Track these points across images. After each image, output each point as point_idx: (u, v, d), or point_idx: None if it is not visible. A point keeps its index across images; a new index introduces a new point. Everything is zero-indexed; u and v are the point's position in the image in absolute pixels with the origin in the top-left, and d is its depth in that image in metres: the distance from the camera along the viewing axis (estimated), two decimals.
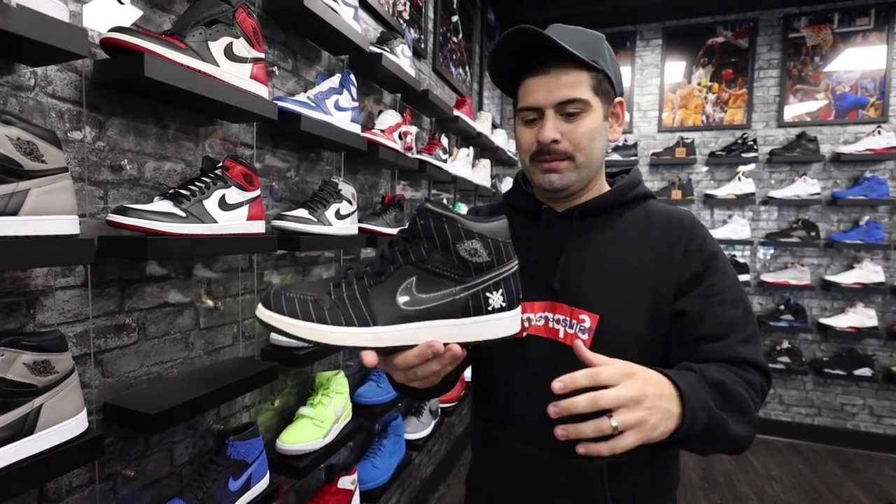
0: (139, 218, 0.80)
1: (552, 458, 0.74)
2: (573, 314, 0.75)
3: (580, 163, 0.74)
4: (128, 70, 0.77)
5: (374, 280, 0.52)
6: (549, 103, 0.72)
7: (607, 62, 0.74)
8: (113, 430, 0.88)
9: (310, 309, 0.51)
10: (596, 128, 0.74)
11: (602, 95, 0.74)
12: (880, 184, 3.05)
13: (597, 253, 0.76)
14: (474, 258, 0.51)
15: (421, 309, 0.51)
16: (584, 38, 0.73)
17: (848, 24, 3.21)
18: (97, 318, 0.85)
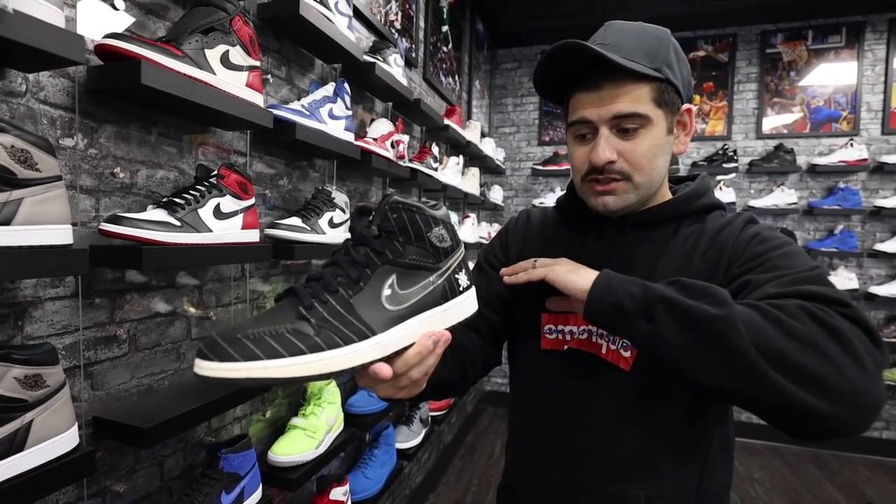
0: (133, 227, 0.78)
1: (588, 481, 0.70)
2: None
3: (639, 183, 0.67)
4: (124, 77, 0.76)
5: (352, 289, 0.47)
6: (602, 119, 0.65)
7: (673, 66, 0.66)
8: (102, 445, 0.86)
9: (294, 341, 0.42)
10: (658, 144, 0.66)
11: (666, 106, 0.66)
12: (853, 194, 3.16)
13: (646, 265, 0.70)
14: (442, 243, 0.51)
15: (409, 306, 0.49)
16: (646, 40, 0.65)
17: (821, 41, 3.34)
18: (87, 330, 0.83)
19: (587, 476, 0.70)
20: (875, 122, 3.25)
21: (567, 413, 0.72)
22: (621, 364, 0.68)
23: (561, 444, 0.73)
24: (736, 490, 2.75)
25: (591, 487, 0.69)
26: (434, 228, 0.50)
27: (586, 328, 0.73)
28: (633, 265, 0.70)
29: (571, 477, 0.71)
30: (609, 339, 0.70)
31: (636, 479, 0.67)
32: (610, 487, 0.68)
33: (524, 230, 0.85)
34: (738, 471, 2.99)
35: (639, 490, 0.67)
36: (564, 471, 0.72)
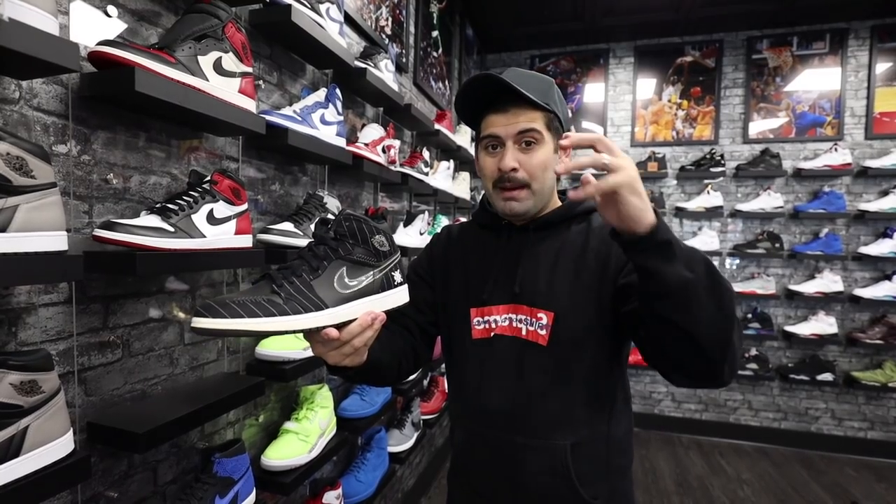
0: (127, 233, 0.79)
1: (523, 440, 0.84)
2: (532, 313, 0.86)
3: (535, 190, 0.84)
4: (118, 84, 0.77)
5: (312, 275, 0.63)
6: (509, 134, 0.83)
7: (556, 104, 0.85)
8: (96, 451, 0.86)
9: (268, 307, 0.58)
10: (548, 158, 0.84)
11: (553, 131, 0.85)
12: (838, 198, 3.23)
13: (549, 260, 0.87)
14: (382, 248, 0.67)
15: (353, 290, 0.65)
16: (537, 82, 0.84)
17: (806, 47, 3.41)
18: (81, 336, 0.83)
19: (522, 436, 0.85)
20: (858, 127, 3.32)
21: (500, 388, 0.87)
22: (539, 341, 0.84)
23: (497, 414, 0.87)
24: (724, 491, 2.79)
25: (526, 445, 0.84)
26: (376, 236, 0.67)
27: (506, 315, 0.88)
28: (539, 258, 0.88)
29: (509, 439, 0.86)
30: (527, 322, 0.86)
31: (561, 432, 0.83)
32: (541, 442, 0.84)
33: (445, 244, 1.01)
34: (726, 472, 3.03)
35: (564, 440, 0.83)
36: (503, 436, 0.86)
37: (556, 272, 0.86)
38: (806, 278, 3.35)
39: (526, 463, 0.84)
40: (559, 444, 0.83)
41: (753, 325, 3.38)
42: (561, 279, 0.86)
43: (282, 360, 1.21)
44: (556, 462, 0.83)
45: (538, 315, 0.85)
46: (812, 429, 3.37)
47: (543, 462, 0.83)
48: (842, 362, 3.32)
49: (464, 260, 0.96)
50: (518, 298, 0.87)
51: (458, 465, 0.97)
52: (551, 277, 0.86)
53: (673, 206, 3.61)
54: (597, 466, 0.85)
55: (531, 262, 0.88)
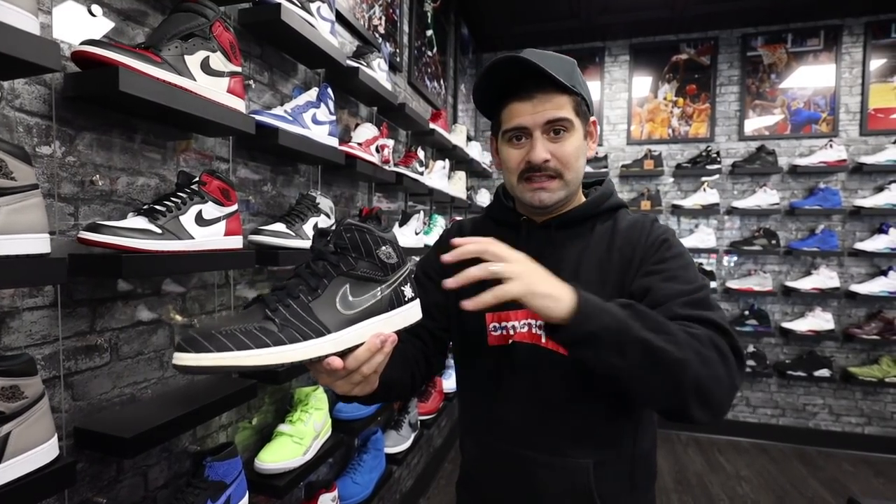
0: (113, 235, 0.78)
1: (541, 457, 0.78)
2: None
3: (568, 180, 0.78)
4: (102, 84, 0.75)
5: (311, 295, 0.56)
6: (536, 124, 0.76)
7: (582, 85, 0.79)
8: (84, 456, 0.85)
9: (260, 336, 0.51)
10: (580, 146, 0.79)
11: (581, 116, 0.79)
12: (833, 194, 3.23)
13: (572, 262, 0.81)
14: (389, 260, 0.60)
15: (359, 311, 0.57)
16: (561, 63, 0.77)
17: (800, 44, 3.41)
18: (67, 339, 0.82)
19: (540, 453, 0.78)
20: (853, 123, 3.32)
21: (517, 399, 0.80)
22: (560, 350, 0.76)
23: (514, 428, 0.81)
24: (723, 488, 2.79)
25: (544, 462, 0.78)
26: (382, 247, 0.59)
27: (526, 322, 0.81)
28: (562, 260, 0.81)
29: (526, 456, 0.79)
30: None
31: (583, 450, 0.77)
32: (561, 460, 0.77)
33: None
34: (725, 469, 3.03)
35: (587, 459, 0.76)
36: (519, 451, 0.80)
37: (579, 276, 0.79)
38: (802, 275, 3.35)
39: (544, 482, 0.78)
40: (581, 463, 0.76)
41: (750, 321, 3.38)
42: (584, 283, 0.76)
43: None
44: (577, 483, 0.77)
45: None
46: (810, 425, 3.38)
47: (563, 482, 0.77)
48: (839, 358, 3.32)
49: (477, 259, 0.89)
50: None
51: (469, 477, 0.92)
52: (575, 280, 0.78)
53: (669, 203, 3.61)
54: (621, 486, 0.79)
55: (553, 264, 0.77)
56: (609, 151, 3.78)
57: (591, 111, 0.83)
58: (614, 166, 3.75)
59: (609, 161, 3.74)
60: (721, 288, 3.50)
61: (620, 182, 3.75)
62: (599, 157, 3.72)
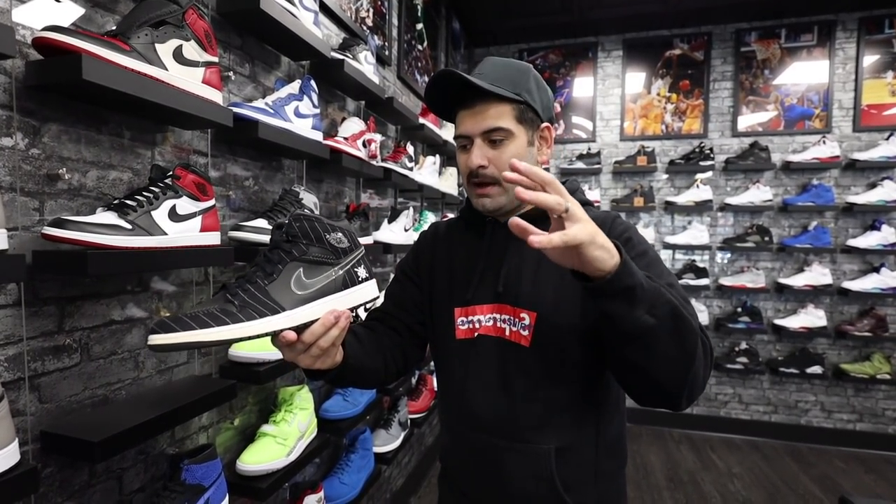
0: (79, 231, 0.74)
1: (506, 443, 0.82)
2: (515, 313, 0.83)
3: (507, 186, 0.80)
4: (64, 72, 0.72)
5: (267, 280, 0.62)
6: (475, 132, 0.80)
7: (532, 92, 0.82)
8: (52, 460, 0.82)
9: (221, 316, 0.57)
10: (518, 153, 0.81)
11: (526, 123, 0.81)
12: (826, 191, 3.23)
13: (533, 258, 0.83)
14: (340, 245, 0.66)
15: (313, 291, 0.63)
16: (510, 72, 0.81)
17: (794, 39, 3.40)
18: (33, 340, 0.79)
19: (506, 439, 0.82)
20: (847, 119, 3.32)
21: (484, 390, 0.84)
22: (522, 342, 0.81)
23: (481, 417, 0.84)
24: (715, 485, 2.78)
25: (510, 448, 0.82)
26: (332, 234, 0.66)
27: (490, 315, 0.85)
28: (523, 256, 0.83)
29: (492, 443, 0.83)
30: (510, 323, 0.83)
31: (545, 436, 0.80)
32: (525, 446, 0.81)
33: (433, 241, 0.99)
34: (717, 466, 3.03)
35: (549, 444, 0.80)
36: (487, 439, 0.84)
37: (540, 270, 0.82)
38: (795, 271, 3.35)
39: (510, 467, 0.82)
40: (543, 449, 0.80)
41: (743, 318, 3.37)
42: (545, 278, 0.82)
43: (256, 362, 1.17)
44: (539, 467, 0.80)
45: (521, 315, 0.82)
46: (802, 421, 3.38)
47: (527, 467, 0.81)
48: (831, 355, 3.33)
49: (449, 258, 0.93)
50: (501, 298, 0.84)
51: (445, 467, 0.96)
52: (535, 276, 0.83)
53: (662, 200, 3.60)
54: (584, 471, 0.82)
55: (515, 261, 0.85)
56: (602, 147, 3.76)
57: (543, 117, 0.84)
58: (607, 162, 3.73)
59: (602, 157, 3.72)
60: (714, 285, 3.50)
61: (613, 178, 3.74)
62: (592, 154, 3.70)
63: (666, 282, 0.72)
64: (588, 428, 0.82)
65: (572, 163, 3.71)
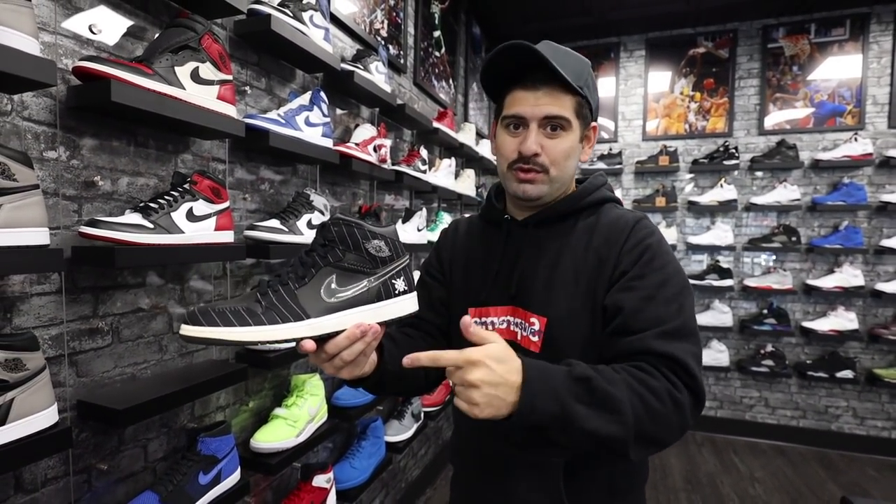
0: (108, 229, 0.87)
1: (515, 455, 0.80)
2: (526, 317, 0.80)
3: (554, 177, 0.78)
4: (96, 95, 0.85)
5: (298, 283, 0.62)
6: (535, 116, 0.75)
7: (590, 88, 0.79)
8: (87, 426, 0.95)
9: (245, 316, 0.58)
10: (573, 147, 0.78)
11: (581, 118, 0.78)
12: (858, 189, 3.11)
13: (549, 259, 0.80)
14: (380, 253, 0.63)
15: (343, 300, 0.62)
16: (573, 61, 0.77)
17: (824, 34, 3.29)
18: (72, 322, 0.93)
19: (512, 448, 0.79)
20: (881, 115, 3.18)
21: None
22: (531, 347, 0.78)
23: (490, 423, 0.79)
24: (735, 489, 2.74)
25: (518, 459, 0.80)
26: (372, 241, 0.63)
27: (504, 318, 0.83)
28: (539, 258, 0.81)
29: (501, 451, 0.81)
30: (522, 328, 0.81)
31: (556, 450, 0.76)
32: (534, 457, 0.78)
33: (453, 240, 0.96)
34: (738, 469, 2.98)
35: (558, 459, 0.76)
36: (494, 446, 0.82)
37: (555, 274, 0.79)
38: (825, 272, 3.24)
39: (517, 477, 0.80)
40: (552, 463, 0.77)
41: (769, 320, 3.29)
42: (559, 282, 0.78)
43: (267, 350, 1.29)
44: (547, 482, 0.77)
45: (531, 320, 0.79)
46: (832, 427, 3.27)
47: (534, 479, 0.78)
48: (863, 359, 3.20)
49: (466, 256, 0.91)
50: (515, 301, 0.81)
51: (456, 469, 0.95)
52: (549, 280, 0.79)
53: (685, 199, 3.55)
54: (596, 489, 0.78)
55: (530, 262, 0.81)
56: (624, 147, 3.74)
57: (594, 116, 0.82)
58: (629, 162, 3.71)
59: (624, 157, 3.70)
60: (739, 286, 3.43)
61: (635, 179, 3.71)
62: (614, 154, 3.69)
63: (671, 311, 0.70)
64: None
65: (593, 163, 3.71)
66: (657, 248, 0.75)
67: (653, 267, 0.73)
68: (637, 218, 0.80)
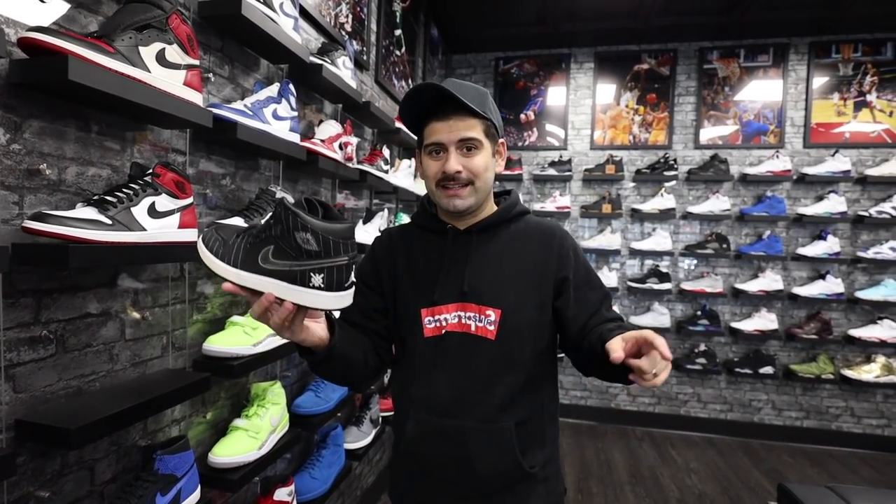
0: (60, 225, 0.77)
1: (474, 424, 0.92)
2: (481, 311, 0.94)
3: (478, 188, 0.93)
4: (50, 72, 0.75)
5: (253, 240, 0.70)
6: (451, 141, 0.90)
7: (492, 112, 0.94)
8: (26, 449, 0.83)
9: (216, 245, 0.71)
10: (487, 161, 0.93)
11: (490, 138, 0.94)
12: (779, 202, 3.43)
13: (493, 260, 0.96)
14: (306, 245, 0.67)
15: (269, 269, 0.69)
16: (474, 92, 0.92)
17: (752, 59, 3.60)
18: (10, 330, 0.81)
19: (472, 421, 0.92)
20: (798, 136, 3.54)
21: (450, 379, 0.94)
22: (488, 335, 0.93)
23: (448, 403, 0.94)
24: (674, 480, 2.92)
25: (476, 429, 0.92)
26: (301, 232, 0.66)
27: (456, 314, 0.95)
28: (484, 260, 0.96)
29: (459, 425, 0.93)
30: (476, 319, 0.93)
31: (506, 415, 0.92)
32: (489, 425, 0.92)
33: (389, 247, 1.05)
34: (676, 461, 3.17)
35: (510, 421, 0.92)
36: (454, 423, 0.93)
37: (500, 272, 0.95)
38: (750, 277, 3.54)
39: (477, 445, 0.92)
40: (505, 426, 0.92)
41: (702, 321, 3.54)
42: (506, 279, 0.95)
43: (229, 357, 1.20)
44: (502, 441, 0.92)
45: (486, 312, 0.93)
46: (755, 419, 3.57)
47: (491, 442, 0.92)
48: (781, 356, 3.53)
49: (410, 262, 1.01)
50: (466, 297, 0.94)
51: (407, 452, 1.00)
52: (497, 277, 0.95)
53: (629, 207, 3.74)
54: (536, 439, 0.97)
55: (477, 264, 0.96)
56: (573, 155, 3.89)
57: (500, 134, 0.98)
58: (578, 170, 3.86)
59: (573, 165, 3.84)
60: (676, 289, 3.66)
61: (583, 185, 3.87)
62: (564, 161, 3.82)
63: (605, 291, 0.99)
64: (538, 403, 0.97)
65: (544, 169, 3.82)
66: (579, 250, 1.01)
67: (585, 264, 1.01)
68: (559, 227, 1.02)
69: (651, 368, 0.69)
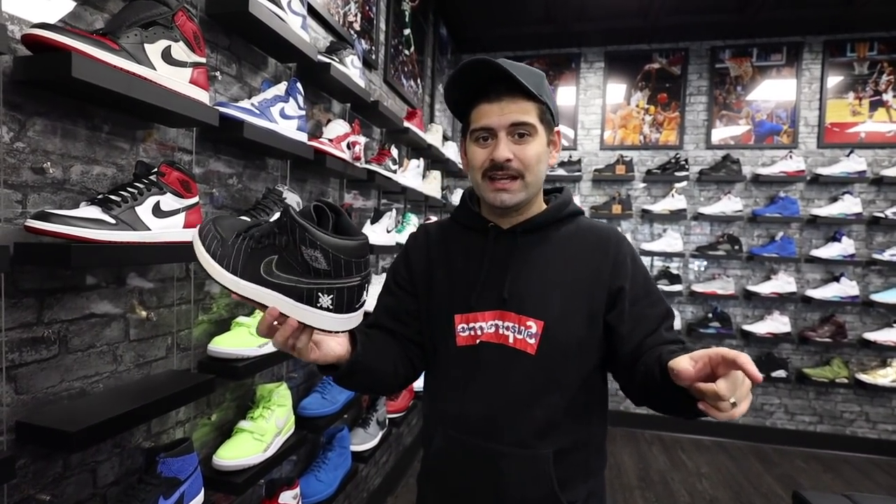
0: (63, 224, 0.76)
1: (506, 449, 0.83)
2: (521, 321, 0.83)
3: (528, 182, 0.82)
4: (53, 69, 0.73)
5: (256, 244, 0.64)
6: (502, 126, 0.80)
7: (548, 97, 0.83)
8: (27, 451, 0.82)
9: (213, 245, 0.65)
10: (541, 151, 0.82)
11: (545, 124, 0.83)
12: (792, 203, 3.37)
13: (539, 266, 0.85)
14: (314, 263, 0.60)
15: (273, 281, 0.62)
16: (530, 73, 0.81)
17: (765, 58, 3.55)
18: (11, 331, 0.80)
19: (504, 445, 0.83)
20: (812, 136, 3.47)
21: (484, 395, 0.84)
22: (528, 349, 0.82)
23: (480, 422, 0.84)
24: (684, 485, 2.87)
25: (508, 454, 0.82)
26: (309, 249, 0.60)
27: (493, 322, 0.85)
28: (528, 264, 0.86)
29: (491, 448, 0.83)
30: (514, 330, 0.83)
31: (544, 441, 0.82)
32: (524, 451, 0.82)
33: (426, 246, 0.96)
34: (686, 466, 3.13)
35: (547, 449, 0.82)
36: (484, 444, 0.84)
37: (546, 279, 0.84)
38: (762, 279, 3.49)
39: (508, 471, 0.83)
40: (542, 453, 0.82)
41: (713, 324, 3.49)
42: (551, 287, 0.83)
43: (235, 358, 1.19)
44: (538, 471, 0.82)
45: (527, 323, 0.83)
46: (767, 423, 3.51)
47: (525, 470, 0.82)
48: (794, 360, 3.47)
49: (447, 262, 0.92)
50: (506, 305, 0.84)
51: (434, 469, 0.94)
52: (541, 285, 0.84)
53: (640, 208, 3.70)
54: (577, 471, 0.85)
55: (520, 268, 0.85)
56: (583, 155, 3.85)
57: (556, 122, 0.87)
58: (588, 170, 3.82)
59: (583, 165, 3.80)
60: (687, 291, 3.61)
61: (593, 186, 3.83)
62: (574, 161, 3.79)
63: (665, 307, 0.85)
64: (582, 431, 0.85)
65: (554, 169, 3.78)
66: (638, 259, 0.89)
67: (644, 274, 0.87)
68: (615, 232, 0.90)
69: (730, 394, 0.55)
